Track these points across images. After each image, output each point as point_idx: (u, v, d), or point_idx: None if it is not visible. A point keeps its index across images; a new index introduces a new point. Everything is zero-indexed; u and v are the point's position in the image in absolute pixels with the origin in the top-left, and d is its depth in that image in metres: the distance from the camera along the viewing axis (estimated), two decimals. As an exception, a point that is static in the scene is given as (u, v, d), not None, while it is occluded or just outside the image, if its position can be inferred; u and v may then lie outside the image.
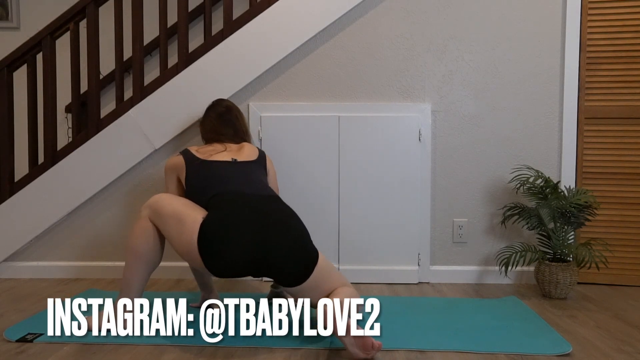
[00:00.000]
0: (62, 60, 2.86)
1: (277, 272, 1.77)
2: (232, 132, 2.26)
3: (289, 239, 1.78)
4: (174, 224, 1.79)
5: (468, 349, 1.72)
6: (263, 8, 2.61)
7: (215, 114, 2.31)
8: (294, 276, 1.77)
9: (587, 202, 2.34)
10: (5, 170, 2.69)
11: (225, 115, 2.29)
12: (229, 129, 2.26)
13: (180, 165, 2.07)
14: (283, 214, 1.86)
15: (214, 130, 2.26)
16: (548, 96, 2.62)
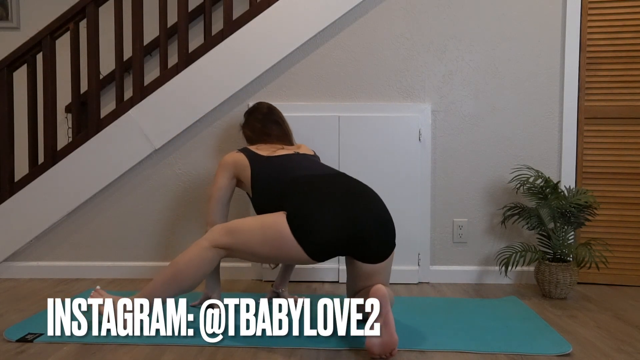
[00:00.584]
0: (62, 60, 2.86)
1: (369, 243, 1.77)
2: (281, 132, 2.26)
3: (379, 208, 1.83)
4: (256, 232, 1.77)
5: (468, 349, 1.72)
6: (263, 8, 2.61)
7: (260, 114, 2.29)
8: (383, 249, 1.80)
9: (587, 202, 2.34)
10: (5, 170, 2.70)
11: (270, 116, 2.29)
12: (277, 127, 2.26)
13: (242, 162, 2.05)
14: (365, 187, 1.89)
15: (262, 131, 2.25)
16: (548, 96, 2.62)
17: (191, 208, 2.70)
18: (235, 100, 2.67)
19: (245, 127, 2.33)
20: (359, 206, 1.78)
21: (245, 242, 1.79)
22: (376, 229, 1.78)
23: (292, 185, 1.86)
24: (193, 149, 2.68)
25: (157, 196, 2.70)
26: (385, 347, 1.59)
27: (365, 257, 1.80)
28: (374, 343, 1.60)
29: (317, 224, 1.72)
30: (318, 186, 1.84)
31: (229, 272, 2.68)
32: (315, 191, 1.81)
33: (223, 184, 2.09)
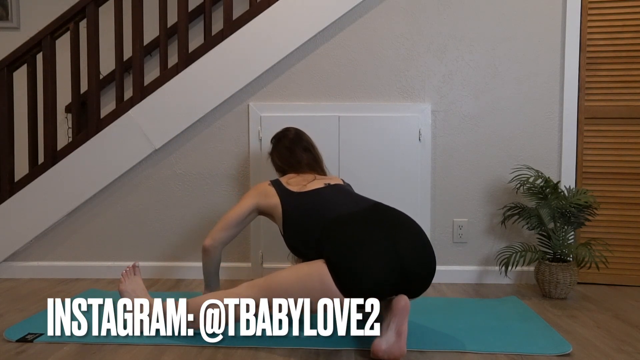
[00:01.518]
0: (62, 60, 2.86)
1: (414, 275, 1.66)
2: (312, 160, 2.17)
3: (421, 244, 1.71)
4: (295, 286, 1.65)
5: (468, 349, 1.72)
6: (263, 8, 2.61)
7: (288, 141, 2.20)
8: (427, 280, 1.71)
9: (587, 202, 2.34)
10: (5, 170, 2.70)
11: (298, 142, 2.20)
12: (308, 155, 2.18)
13: (271, 194, 1.96)
14: (399, 214, 1.79)
15: (294, 161, 2.15)
16: (548, 96, 2.62)
17: (191, 208, 2.69)
18: (235, 101, 2.67)
19: (273, 155, 2.24)
20: (401, 241, 1.67)
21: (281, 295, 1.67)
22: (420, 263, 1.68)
23: (327, 227, 1.74)
24: (193, 149, 2.68)
25: (157, 196, 2.70)
26: (390, 354, 1.60)
27: (409, 292, 1.70)
28: (380, 347, 1.60)
29: (361, 271, 1.60)
30: (355, 227, 1.71)
31: (229, 272, 2.68)
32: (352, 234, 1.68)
33: (244, 208, 2.02)
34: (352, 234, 1.69)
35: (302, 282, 1.66)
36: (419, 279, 1.70)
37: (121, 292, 1.87)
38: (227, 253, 2.69)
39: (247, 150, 2.67)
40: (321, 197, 1.90)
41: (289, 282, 1.67)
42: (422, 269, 1.69)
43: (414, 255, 1.67)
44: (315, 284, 1.64)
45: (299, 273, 1.68)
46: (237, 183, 2.68)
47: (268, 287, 1.70)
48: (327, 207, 1.84)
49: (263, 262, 2.66)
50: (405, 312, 1.60)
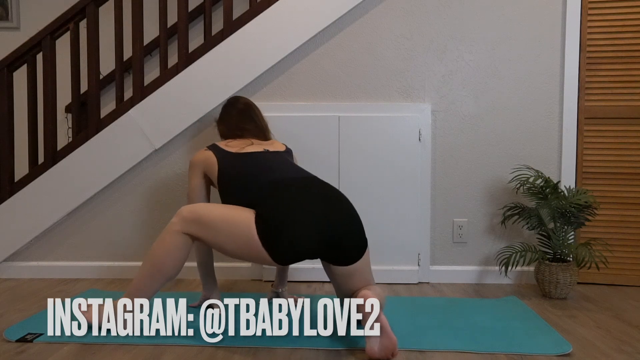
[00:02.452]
0: (62, 60, 2.86)
1: (341, 247, 1.76)
2: (255, 127, 2.23)
3: (350, 213, 1.81)
4: (223, 228, 1.75)
5: (468, 349, 1.72)
6: (263, 8, 2.61)
7: (235, 110, 2.27)
8: (355, 251, 1.79)
9: (587, 202, 2.34)
10: (5, 170, 2.69)
11: (246, 111, 2.26)
12: (252, 123, 2.23)
13: (211, 160, 2.02)
14: (336, 191, 1.88)
15: (237, 127, 2.22)
16: (548, 96, 2.63)
17: (191, 208, 2.69)
18: (235, 100, 2.66)
19: (219, 122, 2.30)
20: (330, 212, 1.77)
21: (211, 236, 1.77)
22: (347, 233, 1.77)
23: (261, 190, 1.83)
24: (193, 149, 2.68)
25: (157, 196, 2.70)
26: (385, 349, 1.60)
27: (336, 260, 1.79)
28: (373, 348, 1.60)
29: (286, 234, 1.70)
30: (288, 191, 1.81)
31: (229, 272, 2.68)
32: (285, 197, 1.78)
33: (196, 184, 2.08)
34: (285, 197, 1.78)
35: (229, 225, 1.74)
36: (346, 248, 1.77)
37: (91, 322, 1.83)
38: (227, 253, 2.69)
39: (247, 150, 2.67)
40: (258, 160, 1.98)
41: (219, 222, 1.76)
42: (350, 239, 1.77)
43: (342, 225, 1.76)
44: (241, 233, 1.72)
45: (229, 216, 1.76)
46: (237, 183, 2.68)
47: (199, 222, 1.77)
48: (264, 169, 1.92)
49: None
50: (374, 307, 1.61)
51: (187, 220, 1.79)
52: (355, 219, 1.82)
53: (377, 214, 2.60)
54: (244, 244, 1.73)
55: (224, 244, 1.77)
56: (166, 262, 1.79)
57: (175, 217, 1.81)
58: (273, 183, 1.85)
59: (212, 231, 1.76)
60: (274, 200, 1.78)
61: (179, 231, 1.79)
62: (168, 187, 2.70)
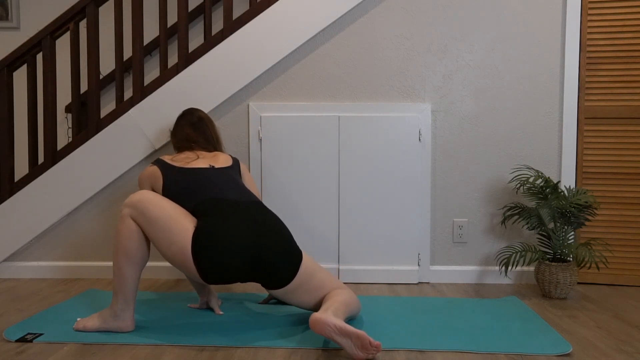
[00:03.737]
0: (62, 60, 2.87)
1: (268, 273, 1.80)
2: (204, 140, 2.26)
3: (279, 241, 1.83)
4: (162, 230, 1.78)
5: (468, 349, 1.72)
6: (263, 8, 2.62)
7: (187, 122, 2.29)
8: (284, 275, 1.82)
9: (587, 202, 2.34)
10: (5, 170, 2.70)
11: (197, 124, 2.29)
12: (201, 136, 2.26)
13: (156, 175, 2.04)
14: (270, 219, 1.89)
15: (186, 139, 2.25)
16: (548, 96, 2.63)
17: (191, 208, 2.69)
18: (235, 101, 2.67)
19: (172, 134, 2.34)
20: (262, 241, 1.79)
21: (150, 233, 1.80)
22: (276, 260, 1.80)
23: (201, 208, 1.86)
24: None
25: (157, 196, 2.70)
26: (362, 348, 1.60)
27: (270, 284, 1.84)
28: (355, 354, 1.61)
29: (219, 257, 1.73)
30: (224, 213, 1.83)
31: (229, 272, 2.68)
32: (223, 223, 1.79)
33: None
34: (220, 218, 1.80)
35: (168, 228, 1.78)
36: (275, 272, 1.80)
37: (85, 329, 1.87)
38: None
39: (247, 150, 2.67)
40: (201, 176, 1.99)
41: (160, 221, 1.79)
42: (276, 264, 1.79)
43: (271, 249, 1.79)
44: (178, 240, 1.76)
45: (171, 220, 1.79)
46: (237, 183, 2.68)
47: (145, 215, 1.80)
48: (206, 186, 1.95)
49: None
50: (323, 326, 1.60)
51: (134, 208, 1.82)
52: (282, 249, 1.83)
53: (377, 214, 2.60)
54: (179, 255, 1.76)
55: (159, 246, 1.79)
56: (129, 245, 1.81)
57: (126, 201, 1.86)
58: (209, 201, 1.88)
59: (152, 229, 1.79)
60: (210, 218, 1.80)
61: (127, 215, 1.83)
62: (168, 187, 2.69)
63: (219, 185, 1.97)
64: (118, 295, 1.84)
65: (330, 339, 1.61)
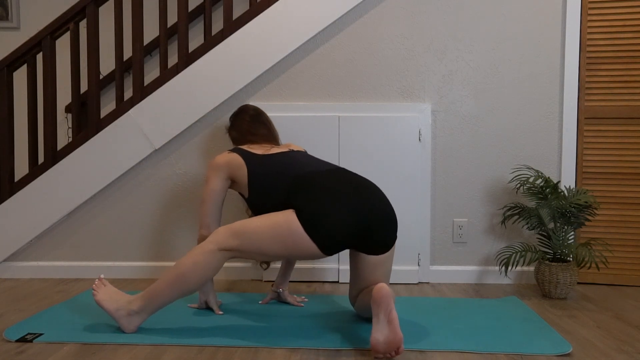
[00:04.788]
0: (62, 60, 2.87)
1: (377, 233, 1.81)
2: (267, 132, 2.25)
3: (384, 200, 1.86)
4: (266, 231, 1.78)
5: (468, 349, 1.72)
6: (263, 8, 2.62)
7: (247, 116, 2.27)
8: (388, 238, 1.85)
9: (587, 202, 2.34)
10: (5, 170, 2.70)
11: (258, 118, 2.27)
12: (264, 129, 2.25)
13: (237, 161, 2.01)
14: (367, 180, 1.92)
15: (249, 132, 2.23)
16: (548, 96, 2.63)
17: (191, 208, 2.70)
18: (235, 100, 2.67)
19: (231, 129, 2.31)
20: (365, 198, 1.82)
21: (254, 243, 1.79)
22: (382, 219, 1.82)
23: (297, 182, 1.87)
24: (193, 149, 2.69)
25: (157, 196, 2.70)
26: (390, 345, 1.59)
27: (371, 248, 1.84)
28: (378, 341, 1.59)
29: (328, 218, 1.74)
30: (323, 181, 1.85)
31: (229, 272, 2.68)
32: (321, 186, 1.82)
33: (217, 186, 2.04)
34: (319, 188, 1.82)
35: (272, 228, 1.77)
36: (382, 230, 1.82)
37: (99, 302, 1.84)
38: (227, 253, 2.69)
39: (247, 150, 2.67)
40: (288, 158, 2.01)
41: (260, 227, 1.79)
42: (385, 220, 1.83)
43: (377, 207, 1.82)
44: (284, 230, 1.76)
45: (270, 219, 1.80)
46: (237, 183, 2.68)
47: (240, 232, 1.80)
48: (295, 165, 1.96)
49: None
50: (388, 299, 1.61)
51: (227, 235, 1.80)
52: (389, 207, 1.87)
53: (377, 214, 2.60)
54: (291, 241, 1.76)
55: (269, 247, 1.78)
56: (191, 277, 1.79)
57: (212, 236, 1.82)
58: (304, 175, 1.89)
59: (255, 238, 1.78)
60: (307, 191, 1.82)
61: (214, 250, 1.79)
62: (168, 187, 2.70)
63: (305, 162, 1.99)
64: (144, 302, 1.82)
65: (375, 312, 1.62)
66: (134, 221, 2.70)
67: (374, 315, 1.63)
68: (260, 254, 1.81)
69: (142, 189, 2.70)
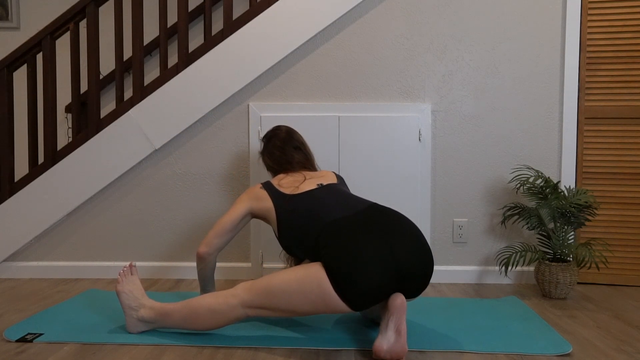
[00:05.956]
0: (62, 60, 2.87)
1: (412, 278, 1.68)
2: (303, 159, 2.16)
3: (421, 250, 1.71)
4: (293, 288, 1.66)
5: (468, 349, 1.72)
6: (263, 8, 2.62)
7: (279, 140, 2.17)
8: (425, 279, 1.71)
9: (587, 202, 2.34)
10: (5, 170, 2.70)
11: (290, 142, 2.17)
12: (299, 155, 2.16)
13: (263, 198, 1.96)
14: (395, 216, 1.78)
15: (284, 160, 2.14)
16: (548, 96, 2.63)
17: (191, 208, 2.70)
18: (235, 101, 2.67)
19: (264, 155, 2.21)
20: (400, 251, 1.67)
21: (280, 300, 1.68)
22: (417, 275, 1.68)
23: (325, 231, 1.75)
24: (193, 149, 2.69)
25: (157, 196, 2.70)
26: (393, 354, 1.59)
27: (408, 292, 1.71)
28: (382, 348, 1.59)
29: (359, 278, 1.61)
30: (353, 232, 1.70)
31: (229, 272, 2.68)
32: (350, 239, 1.68)
33: (236, 214, 2.01)
34: (349, 238, 1.68)
35: (300, 285, 1.66)
36: (416, 282, 1.69)
37: (118, 293, 1.84)
38: (227, 253, 2.70)
39: (247, 150, 2.67)
40: (315, 200, 1.89)
41: (288, 285, 1.67)
42: (419, 272, 1.69)
43: (410, 259, 1.67)
44: (313, 287, 1.64)
45: (297, 275, 1.67)
46: (237, 183, 2.68)
47: (266, 290, 1.70)
48: (323, 209, 1.83)
49: (263, 262, 2.66)
50: (402, 310, 1.60)
51: (252, 294, 1.72)
52: (423, 245, 1.72)
53: (377, 214, 2.60)
54: (319, 299, 1.65)
55: (296, 305, 1.67)
56: (203, 320, 1.76)
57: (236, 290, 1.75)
58: (333, 223, 1.76)
59: (283, 296, 1.67)
60: (337, 245, 1.68)
61: (237, 305, 1.73)
62: (168, 187, 2.70)
63: (334, 203, 1.86)
64: (157, 317, 1.81)
65: (385, 319, 1.61)
66: (133, 221, 2.71)
67: (383, 321, 1.62)
68: (287, 311, 1.70)
69: (142, 189, 2.70)
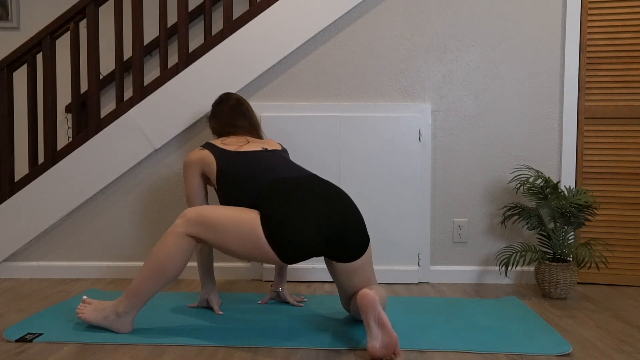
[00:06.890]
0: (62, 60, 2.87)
1: (344, 243, 1.77)
2: (248, 124, 2.22)
3: (351, 210, 1.82)
4: (229, 229, 1.74)
5: (468, 349, 1.72)
6: (263, 8, 2.62)
7: (227, 106, 2.24)
8: (358, 247, 1.80)
9: (587, 202, 2.34)
10: (5, 170, 2.70)
11: (238, 108, 2.24)
12: (244, 120, 2.22)
13: (208, 159, 2.01)
14: (336, 189, 1.88)
15: (229, 124, 2.21)
16: (548, 96, 2.63)
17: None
18: (235, 100, 2.66)
19: (211, 119, 2.28)
20: (333, 209, 1.78)
21: (217, 237, 1.76)
22: (350, 228, 1.78)
23: (266, 189, 1.83)
24: (193, 149, 2.69)
25: (157, 196, 2.70)
26: (387, 348, 1.59)
27: (344, 256, 1.81)
28: (375, 347, 1.59)
29: (292, 232, 1.71)
30: (292, 191, 1.80)
31: (228, 272, 2.68)
32: (289, 196, 1.78)
33: (194, 185, 2.08)
34: (289, 195, 1.78)
35: (236, 227, 1.74)
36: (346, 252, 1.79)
37: (87, 320, 1.87)
38: (227, 253, 2.70)
39: (247, 150, 2.67)
40: (258, 159, 1.96)
41: (225, 225, 1.75)
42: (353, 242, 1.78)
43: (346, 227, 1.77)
44: (247, 233, 1.73)
45: (235, 217, 1.76)
46: (237, 183, 2.68)
47: (206, 222, 1.77)
48: (265, 169, 1.91)
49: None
50: (374, 304, 1.61)
51: (193, 222, 1.78)
52: (356, 215, 1.83)
53: (377, 214, 2.60)
54: (251, 244, 1.73)
55: (230, 244, 1.76)
56: (168, 263, 1.78)
57: (179, 219, 1.80)
58: (274, 183, 1.85)
59: (218, 232, 1.75)
60: (276, 199, 1.77)
61: (183, 233, 1.78)
62: (168, 187, 2.70)
63: (276, 166, 1.94)
64: (129, 300, 1.82)
65: (365, 320, 1.61)
66: (133, 221, 2.71)
67: (365, 323, 1.63)
68: (223, 249, 1.79)
69: (142, 189, 2.70)
